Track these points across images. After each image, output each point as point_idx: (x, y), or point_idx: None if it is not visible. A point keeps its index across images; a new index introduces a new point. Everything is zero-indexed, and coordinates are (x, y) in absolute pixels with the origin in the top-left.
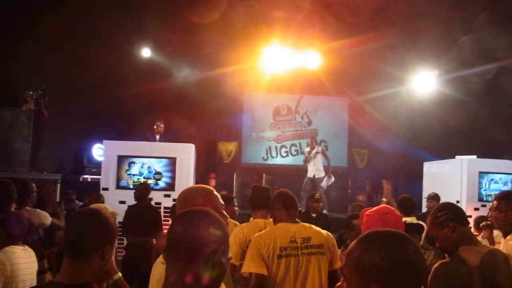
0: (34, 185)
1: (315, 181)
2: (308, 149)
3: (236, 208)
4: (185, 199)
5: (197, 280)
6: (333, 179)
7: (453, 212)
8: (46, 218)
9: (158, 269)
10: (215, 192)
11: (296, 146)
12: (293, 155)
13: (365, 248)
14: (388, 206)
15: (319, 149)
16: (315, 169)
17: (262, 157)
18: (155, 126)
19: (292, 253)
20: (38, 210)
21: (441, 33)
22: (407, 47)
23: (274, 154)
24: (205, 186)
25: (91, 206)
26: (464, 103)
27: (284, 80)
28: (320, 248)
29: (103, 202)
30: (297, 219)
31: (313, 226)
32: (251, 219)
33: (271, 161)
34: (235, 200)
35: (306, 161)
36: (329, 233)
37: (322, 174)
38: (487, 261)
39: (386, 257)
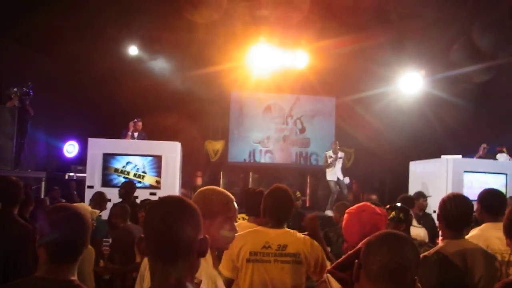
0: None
1: (340, 184)
2: (330, 152)
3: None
4: (205, 201)
5: None
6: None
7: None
8: None
9: None
10: (235, 202)
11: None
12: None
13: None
14: (368, 204)
15: (342, 154)
16: (339, 173)
17: (243, 159)
18: (132, 123)
19: (264, 259)
20: None
21: (428, 34)
22: (395, 47)
23: (258, 157)
24: (227, 193)
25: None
26: (450, 103)
27: (273, 80)
28: (295, 256)
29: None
30: (283, 225)
31: (297, 233)
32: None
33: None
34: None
35: (329, 166)
36: (313, 242)
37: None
38: (461, 252)
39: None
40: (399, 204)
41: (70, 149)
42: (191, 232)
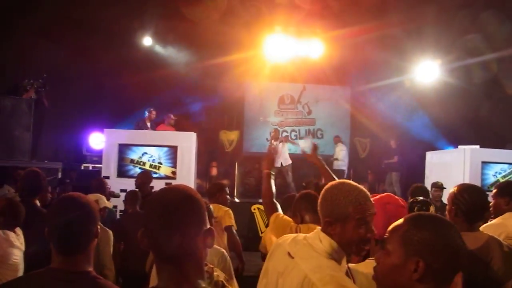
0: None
1: (282, 170)
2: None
3: (227, 197)
4: (332, 203)
5: None
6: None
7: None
8: None
9: None
10: (371, 198)
11: (295, 131)
12: (292, 139)
13: (415, 224)
14: (391, 195)
15: (282, 138)
16: (282, 158)
17: (265, 138)
18: (146, 113)
19: None
20: None
21: (443, 21)
22: (410, 36)
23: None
24: (359, 189)
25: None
26: (467, 92)
27: (287, 69)
28: None
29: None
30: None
31: None
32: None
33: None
34: (227, 188)
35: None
36: None
37: (289, 161)
38: (480, 245)
39: (437, 234)
40: (420, 198)
41: (97, 140)
42: (194, 229)
